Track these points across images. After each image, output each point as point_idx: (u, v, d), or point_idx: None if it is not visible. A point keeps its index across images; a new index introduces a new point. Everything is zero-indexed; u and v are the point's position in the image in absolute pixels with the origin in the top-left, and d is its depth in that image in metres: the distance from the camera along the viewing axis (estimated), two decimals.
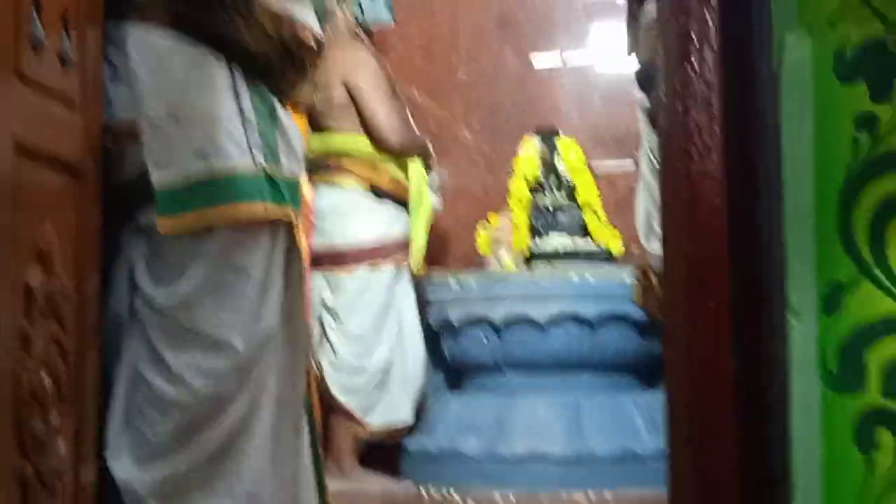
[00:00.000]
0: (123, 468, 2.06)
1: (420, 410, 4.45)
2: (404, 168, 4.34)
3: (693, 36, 1.10)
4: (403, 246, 4.32)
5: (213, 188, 2.10)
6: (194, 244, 2.11)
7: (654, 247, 2.74)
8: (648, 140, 2.78)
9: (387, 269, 4.26)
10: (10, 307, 1.62)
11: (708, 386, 1.12)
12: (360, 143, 4.27)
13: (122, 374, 2.12)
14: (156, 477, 2.06)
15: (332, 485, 3.82)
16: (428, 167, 4.39)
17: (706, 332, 1.10)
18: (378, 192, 4.28)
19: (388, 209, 4.29)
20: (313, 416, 2.34)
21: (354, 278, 4.20)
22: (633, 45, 2.85)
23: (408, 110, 4.50)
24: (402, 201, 4.34)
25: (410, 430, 4.41)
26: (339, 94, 4.21)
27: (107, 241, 2.11)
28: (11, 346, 1.62)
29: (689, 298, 1.12)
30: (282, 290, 2.23)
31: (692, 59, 1.09)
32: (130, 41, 2.12)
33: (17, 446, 1.63)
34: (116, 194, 2.14)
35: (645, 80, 2.52)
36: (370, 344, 4.21)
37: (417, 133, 4.42)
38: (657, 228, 2.75)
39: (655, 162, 2.72)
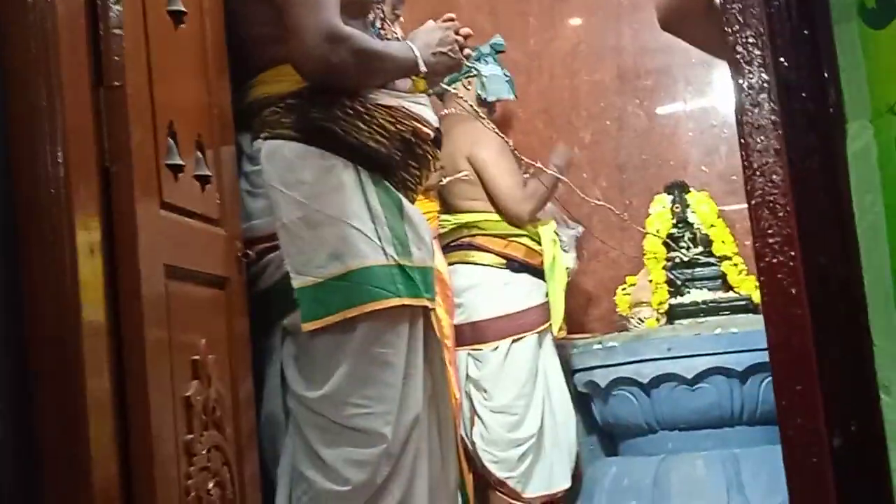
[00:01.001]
0: None
1: (577, 476, 4.44)
2: (538, 236, 4.38)
3: (758, 145, 1.13)
4: (543, 315, 4.35)
5: (350, 287, 2.18)
6: (337, 341, 2.19)
7: None
8: None
9: (529, 340, 4.29)
10: (172, 419, 1.72)
11: (807, 466, 1.12)
12: (491, 218, 4.33)
13: (282, 472, 2.21)
14: None
15: None
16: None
17: (798, 416, 1.10)
18: (513, 265, 4.32)
19: (524, 281, 4.33)
20: (467, 496, 2.37)
21: (498, 352, 4.24)
22: None
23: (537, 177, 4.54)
24: (538, 270, 4.38)
25: (569, 494, 4.40)
26: (466, 172, 4.28)
27: (257, 345, 2.22)
28: (177, 457, 1.72)
29: (778, 384, 1.13)
30: (424, 375, 2.29)
31: (755, 163, 1.12)
32: (263, 155, 2.24)
33: None
34: (262, 299, 2.25)
35: None
36: (521, 415, 4.23)
37: (538, 189, 4.41)
38: None
39: None
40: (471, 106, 4.31)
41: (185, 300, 1.84)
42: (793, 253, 1.08)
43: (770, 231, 1.08)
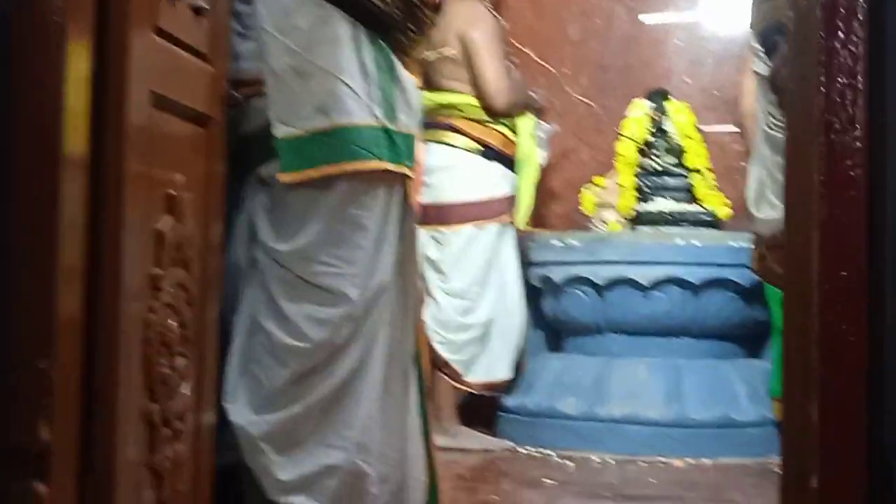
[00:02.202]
0: (239, 412, 2.13)
1: (519, 368, 4.48)
2: (515, 128, 4.34)
3: (840, 6, 1.08)
4: (509, 205, 4.35)
5: (334, 144, 2.13)
6: (314, 196, 2.15)
7: (765, 214, 2.70)
8: (763, 106, 2.73)
9: (492, 228, 4.29)
10: (142, 253, 1.67)
11: (836, 355, 1.11)
12: (473, 102, 4.27)
13: (241, 321, 2.18)
14: (270, 422, 2.12)
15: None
16: (538, 116, 4.38)
17: (838, 302, 1.09)
18: (488, 152, 4.29)
19: (496, 169, 4.30)
20: (422, 370, 2.37)
21: (460, 236, 4.23)
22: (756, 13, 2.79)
23: (514, 69, 4.49)
24: (510, 160, 4.35)
25: (508, 386, 4.44)
26: (455, 51, 4.21)
27: (228, 192, 2.16)
28: (142, 291, 1.68)
29: (823, 267, 1.11)
30: (396, 244, 2.26)
31: (838, 29, 1.08)
32: None
33: (146, 389, 1.69)
34: (239, 146, 2.19)
35: (767, 44, 2.46)
36: (474, 301, 4.25)
37: (525, 90, 4.40)
38: (770, 196, 2.70)
39: (770, 128, 2.67)
40: None
41: (168, 132, 1.78)
42: (859, 130, 1.05)
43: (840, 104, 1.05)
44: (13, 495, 1.42)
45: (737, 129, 4.69)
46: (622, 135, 4.65)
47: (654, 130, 4.63)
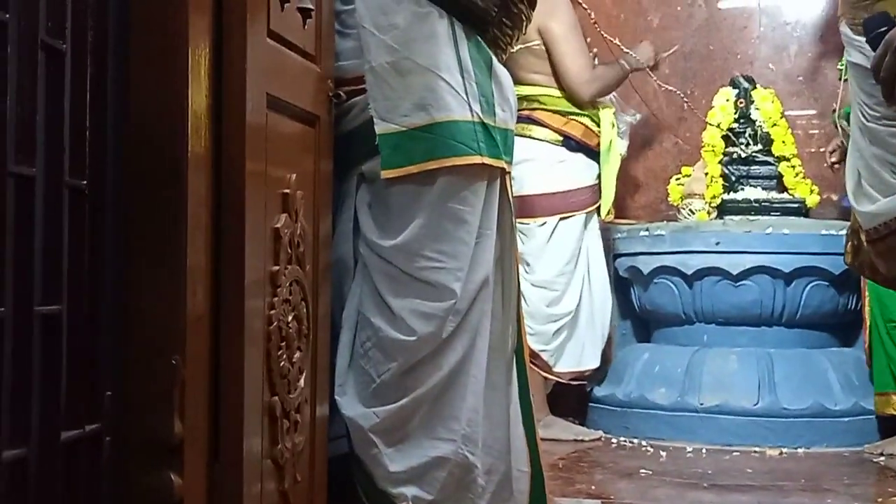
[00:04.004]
0: (349, 405, 2.17)
1: (604, 358, 4.48)
2: (597, 118, 4.34)
3: None
4: (593, 196, 4.35)
5: (433, 139, 2.16)
6: (415, 192, 2.18)
7: (864, 207, 2.65)
8: (858, 97, 2.68)
9: (576, 219, 4.29)
10: (262, 251, 1.72)
11: None
12: (553, 94, 4.28)
13: (348, 315, 2.22)
14: (379, 415, 2.16)
15: None
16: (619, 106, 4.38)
17: None
18: (570, 143, 4.29)
19: (578, 160, 4.30)
20: (524, 363, 2.38)
21: (545, 228, 4.24)
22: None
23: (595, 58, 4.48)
24: (593, 151, 4.35)
25: (595, 375, 4.45)
26: (535, 44, 4.22)
27: (332, 188, 2.20)
28: (263, 288, 1.73)
29: None
30: (495, 239, 2.28)
31: None
32: None
33: (267, 382, 1.74)
34: (342, 142, 2.23)
35: (870, 34, 2.42)
36: (560, 291, 4.26)
37: (605, 75, 4.37)
38: (867, 188, 2.66)
39: (867, 120, 2.62)
40: None
41: (281, 133, 1.83)
42: None
43: None
44: (151, 485, 1.47)
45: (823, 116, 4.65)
46: (708, 123, 4.62)
47: (739, 118, 4.59)
